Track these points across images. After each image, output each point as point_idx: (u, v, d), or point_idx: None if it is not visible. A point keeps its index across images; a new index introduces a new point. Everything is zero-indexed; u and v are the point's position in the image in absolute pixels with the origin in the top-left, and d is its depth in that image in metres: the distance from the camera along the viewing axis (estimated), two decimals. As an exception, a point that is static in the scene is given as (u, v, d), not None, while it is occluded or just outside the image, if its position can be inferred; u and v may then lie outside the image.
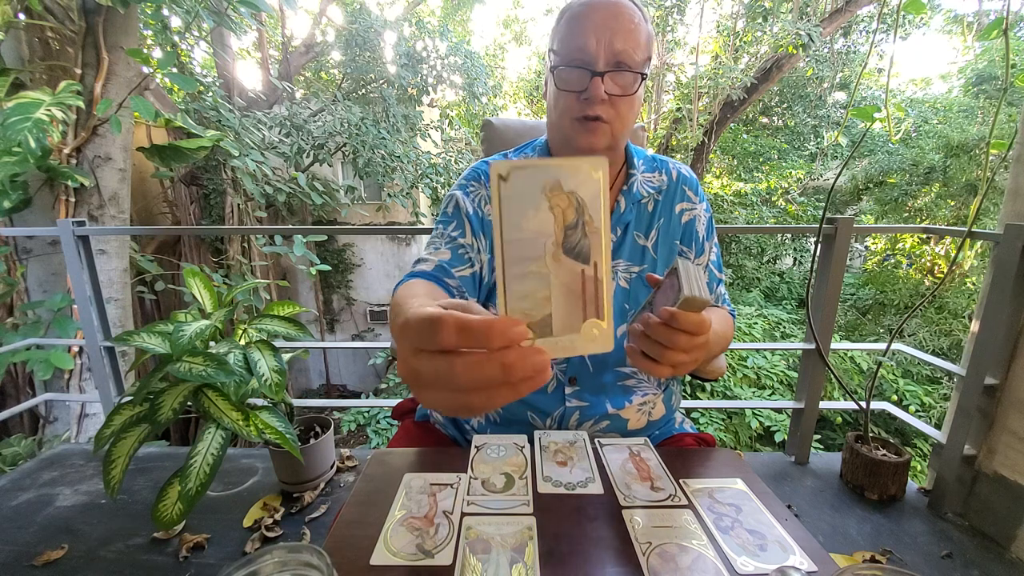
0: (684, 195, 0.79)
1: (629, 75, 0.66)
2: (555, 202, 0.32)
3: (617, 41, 0.64)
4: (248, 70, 12.76)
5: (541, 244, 0.32)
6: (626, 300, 0.74)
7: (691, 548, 0.47)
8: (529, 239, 0.32)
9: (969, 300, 4.96)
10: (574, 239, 0.32)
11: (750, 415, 4.09)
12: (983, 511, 1.06)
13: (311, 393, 6.98)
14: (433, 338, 0.28)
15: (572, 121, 0.68)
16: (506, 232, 0.31)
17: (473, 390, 0.29)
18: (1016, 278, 0.99)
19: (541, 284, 0.32)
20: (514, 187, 0.31)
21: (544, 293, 0.32)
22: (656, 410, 0.78)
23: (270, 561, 0.37)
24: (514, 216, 0.31)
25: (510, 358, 0.28)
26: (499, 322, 0.28)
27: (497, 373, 0.28)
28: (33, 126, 2.19)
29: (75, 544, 1.01)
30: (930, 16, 9.52)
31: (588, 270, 0.33)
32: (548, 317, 0.32)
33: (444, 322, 0.28)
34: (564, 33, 0.67)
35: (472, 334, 0.28)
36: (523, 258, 0.32)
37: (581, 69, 0.65)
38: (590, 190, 0.32)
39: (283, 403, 1.11)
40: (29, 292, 2.83)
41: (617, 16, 0.65)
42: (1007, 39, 1.02)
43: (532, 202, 0.31)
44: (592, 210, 0.32)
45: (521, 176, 0.31)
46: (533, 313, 0.32)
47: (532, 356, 0.28)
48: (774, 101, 9.75)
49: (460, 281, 0.70)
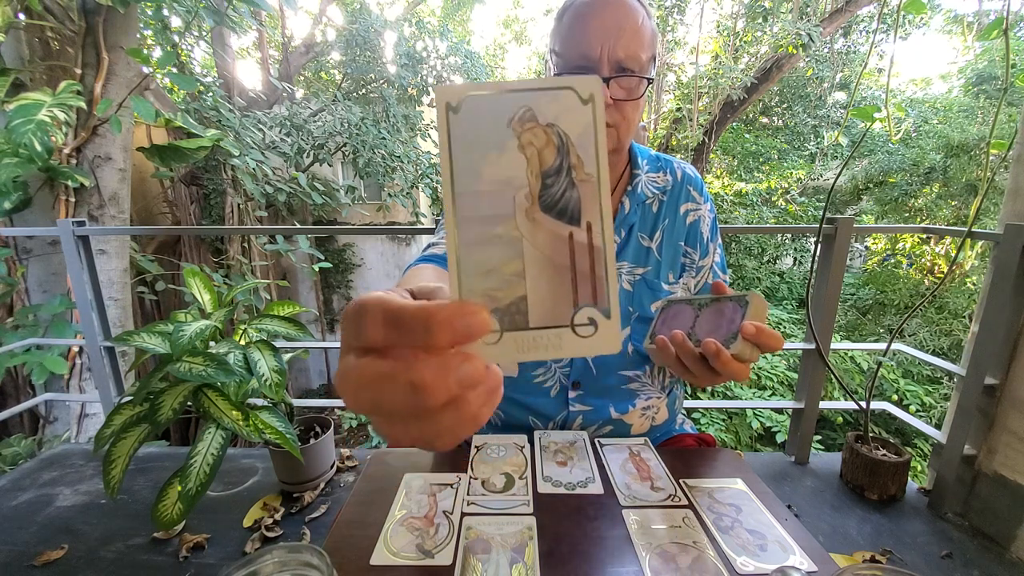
0: (689, 195, 0.78)
1: (634, 79, 0.64)
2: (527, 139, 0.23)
3: (621, 45, 0.62)
4: (248, 70, 12.76)
5: (509, 198, 0.23)
6: (630, 303, 0.73)
7: (691, 548, 0.47)
8: (492, 191, 0.23)
9: (969, 300, 4.96)
10: (556, 190, 0.23)
11: (750, 415, 4.08)
12: (983, 511, 1.06)
13: (311, 393, 6.98)
14: (359, 332, 0.21)
15: None
16: (459, 182, 0.22)
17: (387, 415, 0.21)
18: (1016, 278, 0.99)
19: (510, 253, 0.23)
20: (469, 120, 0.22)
21: (515, 266, 0.23)
22: (660, 414, 0.77)
23: (270, 561, 0.37)
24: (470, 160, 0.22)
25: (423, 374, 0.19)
26: (444, 307, 0.20)
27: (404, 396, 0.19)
28: (37, 128, 2.19)
29: (75, 544, 1.01)
30: (930, 16, 9.52)
31: (579, 234, 0.23)
32: (521, 301, 0.23)
33: (367, 310, 0.21)
34: (566, 35, 0.65)
35: (405, 325, 0.20)
36: (484, 217, 0.23)
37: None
38: (577, 121, 0.23)
39: (283, 403, 1.11)
40: (29, 292, 2.83)
41: (621, 17, 0.63)
42: (1007, 39, 1.02)
43: (495, 140, 0.23)
44: (581, 149, 0.23)
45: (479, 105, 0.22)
46: (499, 295, 0.23)
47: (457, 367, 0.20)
48: (774, 101, 9.75)
49: None
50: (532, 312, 0.23)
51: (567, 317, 0.23)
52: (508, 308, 0.23)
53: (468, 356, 0.20)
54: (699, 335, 0.52)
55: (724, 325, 0.50)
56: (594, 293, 0.23)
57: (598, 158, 0.23)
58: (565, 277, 0.23)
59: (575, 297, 0.23)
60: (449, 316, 0.19)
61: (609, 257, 0.23)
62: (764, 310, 0.49)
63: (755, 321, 0.48)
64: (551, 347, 0.23)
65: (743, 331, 0.47)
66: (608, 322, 0.23)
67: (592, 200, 0.23)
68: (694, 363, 0.50)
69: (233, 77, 5.40)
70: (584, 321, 0.23)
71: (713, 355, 0.47)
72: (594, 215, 0.23)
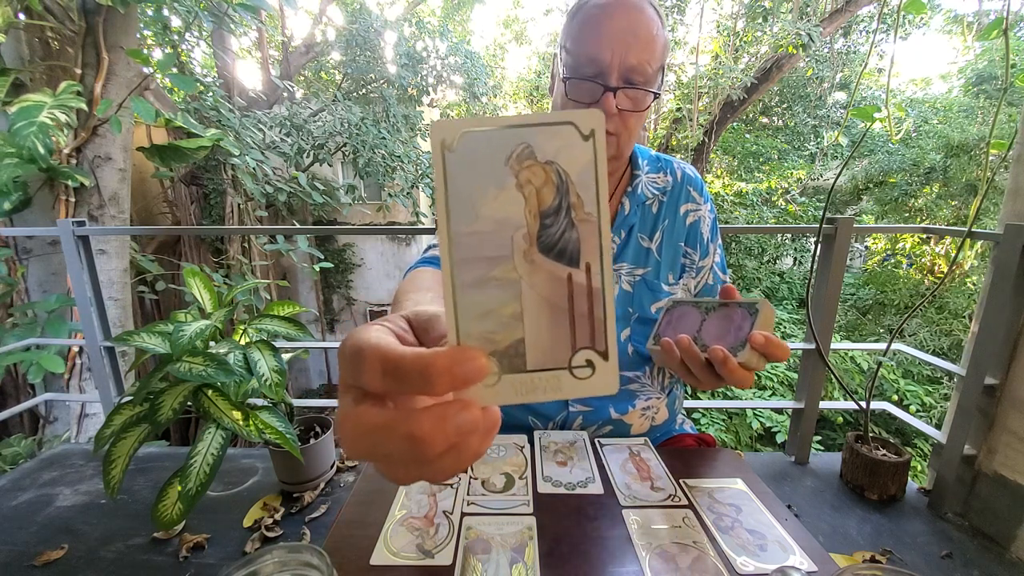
0: (689, 196, 0.78)
1: (642, 92, 0.63)
2: (525, 177, 0.22)
3: (632, 55, 0.61)
4: (248, 70, 12.76)
5: (507, 238, 0.22)
6: (629, 304, 0.73)
7: (691, 548, 0.47)
8: (489, 231, 0.22)
9: (969, 300, 4.96)
10: (555, 231, 0.23)
11: (751, 415, 4.09)
12: (983, 511, 1.06)
13: (311, 393, 6.98)
14: (356, 375, 0.21)
15: None
16: (455, 222, 0.22)
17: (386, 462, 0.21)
18: (1016, 278, 0.99)
19: (508, 295, 0.22)
20: (465, 157, 0.22)
21: (513, 308, 0.23)
22: (660, 415, 0.77)
23: (270, 561, 0.37)
24: (466, 199, 0.22)
25: (422, 427, 0.19)
26: (442, 355, 0.20)
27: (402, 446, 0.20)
28: (39, 130, 2.20)
29: (75, 544, 1.01)
30: (930, 16, 9.52)
31: (578, 275, 0.23)
32: (519, 343, 0.23)
33: (365, 356, 0.21)
34: (577, 35, 0.64)
35: (404, 375, 0.20)
36: (481, 259, 0.22)
37: (594, 83, 0.62)
38: (578, 159, 0.22)
39: (283, 403, 1.11)
40: (29, 292, 2.83)
41: (635, 23, 0.61)
42: (1007, 39, 1.02)
43: (493, 178, 0.22)
44: (581, 188, 0.22)
45: (476, 141, 0.22)
46: (497, 338, 0.22)
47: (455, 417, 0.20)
48: (774, 101, 9.75)
49: None
50: (530, 355, 0.23)
51: (565, 360, 0.23)
52: (506, 351, 0.22)
53: (466, 404, 0.20)
54: (705, 339, 0.51)
55: (732, 332, 0.50)
56: (592, 335, 0.23)
57: (598, 197, 0.22)
58: (563, 319, 0.23)
59: (573, 340, 0.23)
60: (448, 364, 0.19)
61: (608, 299, 0.23)
62: (772, 319, 0.49)
63: (763, 330, 0.47)
64: (549, 389, 0.23)
65: (752, 341, 0.46)
66: (606, 364, 0.23)
67: (592, 240, 0.23)
68: (698, 368, 0.50)
69: (233, 77, 5.40)
70: (582, 363, 0.23)
71: (720, 362, 0.46)
72: (593, 256, 0.23)
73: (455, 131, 0.21)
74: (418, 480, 0.22)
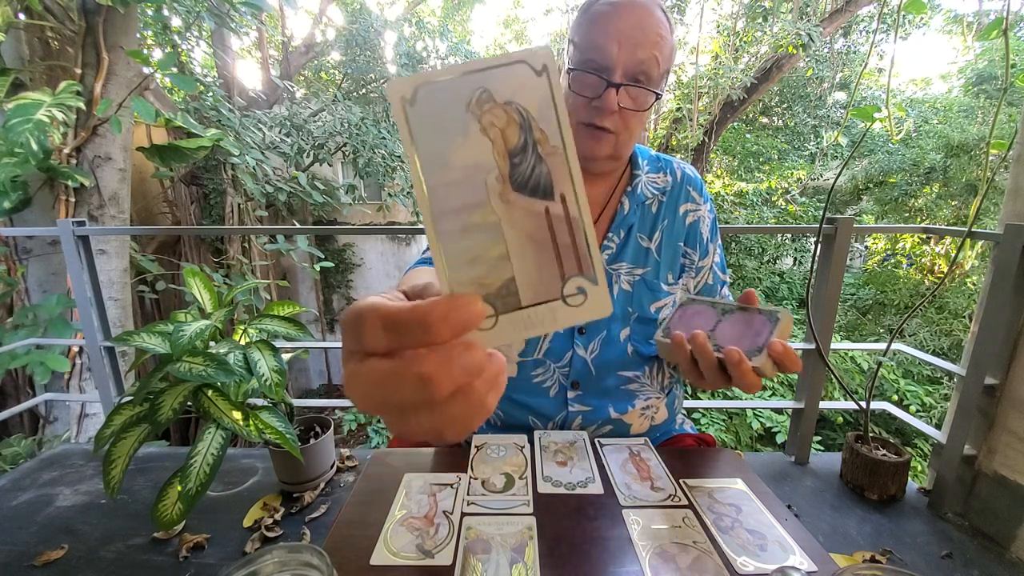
0: (688, 196, 0.77)
1: (645, 92, 0.64)
2: (488, 120, 0.23)
3: (640, 52, 0.61)
4: (248, 70, 12.76)
5: (480, 182, 0.23)
6: (629, 304, 0.72)
7: (691, 548, 0.47)
8: (461, 179, 0.23)
9: (969, 300, 4.96)
10: (525, 168, 0.23)
11: (751, 415, 4.09)
12: (983, 511, 1.06)
13: (311, 393, 6.98)
14: (358, 338, 0.22)
15: (578, 125, 0.66)
16: (427, 174, 0.22)
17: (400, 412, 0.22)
18: (1016, 278, 0.99)
19: (491, 238, 0.23)
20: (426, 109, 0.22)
21: (498, 250, 0.23)
22: (659, 414, 0.77)
23: (270, 561, 0.37)
24: (435, 150, 0.22)
25: (429, 367, 0.20)
26: (438, 304, 0.20)
27: (412, 390, 0.20)
28: (35, 127, 2.19)
29: (75, 544, 1.01)
30: (930, 16, 9.52)
31: (555, 207, 0.23)
32: (510, 282, 0.23)
33: (364, 317, 0.21)
34: (587, 29, 0.64)
35: (403, 327, 0.21)
36: (458, 207, 0.23)
37: (597, 77, 0.62)
38: (534, 95, 0.23)
39: (283, 403, 1.11)
40: (29, 292, 2.83)
41: (645, 25, 0.62)
42: (1007, 39, 1.02)
43: (456, 126, 0.22)
44: (543, 122, 0.23)
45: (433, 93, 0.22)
46: (488, 280, 0.23)
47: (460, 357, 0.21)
48: (774, 101, 9.75)
49: None
50: (523, 291, 0.23)
51: (557, 290, 0.24)
52: (499, 292, 0.23)
53: (469, 345, 0.21)
54: (718, 340, 0.51)
55: (749, 336, 0.50)
56: (579, 263, 0.24)
57: (561, 129, 0.23)
58: (548, 252, 0.24)
59: (561, 270, 0.24)
60: (444, 311, 0.20)
61: (587, 224, 0.23)
62: (790, 330, 0.49)
63: (778, 334, 0.48)
64: (547, 321, 0.24)
65: (771, 348, 0.46)
66: (596, 288, 0.24)
67: (562, 171, 0.23)
68: (708, 366, 0.50)
69: (233, 77, 5.40)
70: (573, 291, 0.24)
71: (735, 364, 0.46)
72: (566, 186, 0.23)
73: (412, 85, 0.22)
74: (429, 432, 0.22)
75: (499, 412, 0.75)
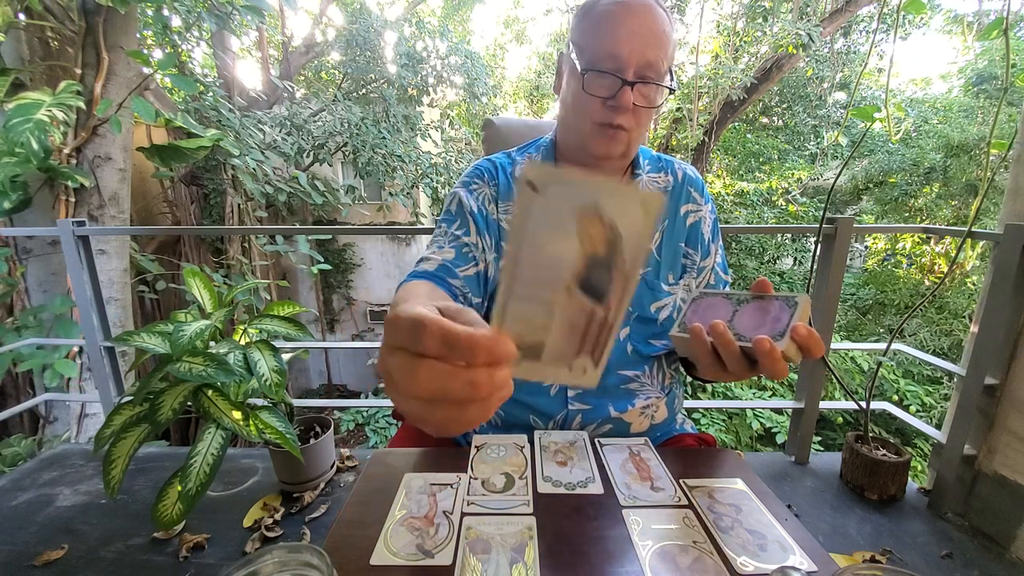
0: (689, 196, 0.78)
1: (655, 87, 0.65)
2: (586, 229, 0.27)
3: (649, 50, 0.62)
4: (248, 70, 12.76)
5: (558, 272, 0.28)
6: (628, 303, 0.73)
7: (691, 548, 0.47)
8: (545, 264, 0.27)
9: (969, 300, 4.96)
10: (595, 276, 0.28)
11: (751, 415, 4.09)
12: (983, 511, 1.06)
13: (311, 393, 6.98)
14: (415, 340, 0.27)
15: (593, 126, 0.66)
16: (524, 249, 0.27)
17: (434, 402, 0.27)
18: (1016, 278, 0.99)
19: (544, 313, 0.29)
20: (545, 201, 0.26)
21: (544, 321, 0.29)
22: (659, 413, 0.77)
23: (270, 561, 0.37)
24: (536, 234, 0.27)
25: (479, 377, 0.26)
26: (486, 338, 0.26)
27: (461, 389, 0.26)
28: (35, 127, 2.19)
29: (75, 544, 1.01)
30: (930, 16, 9.51)
31: (599, 311, 0.29)
32: (540, 345, 0.29)
33: (428, 327, 0.26)
34: (593, 32, 0.64)
35: (456, 345, 0.26)
36: (534, 281, 0.28)
37: (612, 76, 0.63)
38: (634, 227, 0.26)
39: (283, 403, 1.11)
40: (29, 292, 2.83)
41: (650, 23, 0.63)
42: (1007, 39, 1.02)
43: (560, 223, 0.26)
44: (630, 252, 0.27)
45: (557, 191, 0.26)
46: (526, 337, 0.29)
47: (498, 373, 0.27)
48: (774, 101, 9.74)
49: (464, 281, 0.68)
50: (546, 353, 0.30)
51: (568, 361, 0.30)
52: (530, 348, 0.29)
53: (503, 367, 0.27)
54: (738, 329, 0.51)
55: (769, 323, 0.49)
56: (593, 350, 0.30)
57: (641, 261, 0.28)
58: (577, 336, 0.29)
59: (579, 349, 0.30)
60: (489, 344, 0.26)
61: (615, 328, 0.29)
62: (808, 312, 0.49)
63: (798, 318, 0.47)
64: (548, 375, 0.31)
65: (795, 332, 0.45)
66: (595, 369, 0.30)
67: (619, 288, 0.28)
68: (730, 355, 0.49)
69: (233, 77, 5.40)
70: (579, 366, 0.30)
71: (766, 353, 0.45)
72: (616, 299, 0.28)
73: (545, 178, 0.26)
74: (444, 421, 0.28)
75: (500, 412, 0.76)
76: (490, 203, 0.74)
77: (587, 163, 0.71)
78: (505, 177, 0.77)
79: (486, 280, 0.72)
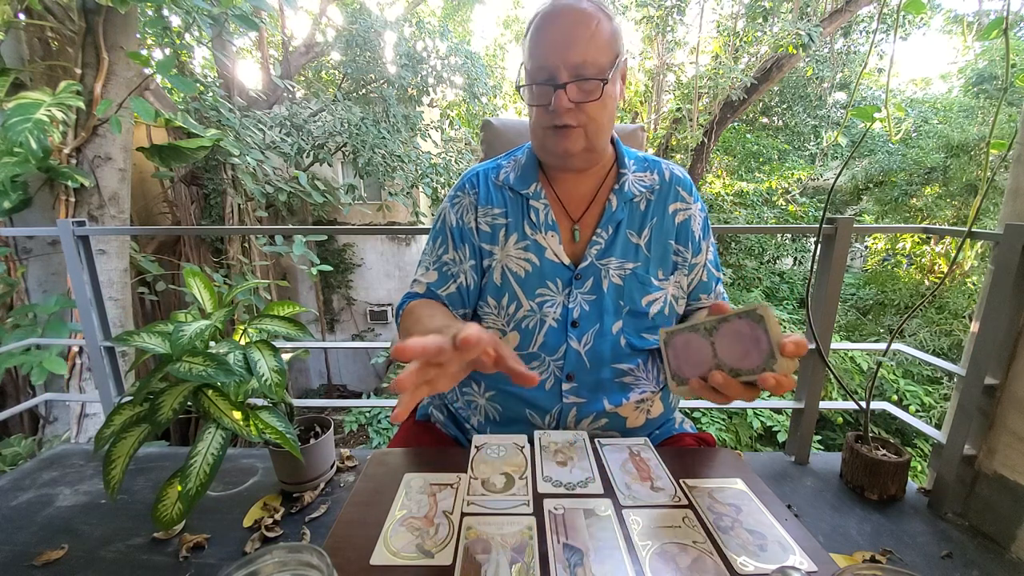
0: (678, 195, 0.79)
1: (592, 82, 0.67)
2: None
3: (575, 53, 0.66)
4: (248, 70, 12.74)
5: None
6: (620, 297, 0.75)
7: (691, 548, 0.47)
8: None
9: (969, 300, 4.95)
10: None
11: (751, 415, 4.08)
12: (983, 511, 1.06)
13: (311, 393, 6.98)
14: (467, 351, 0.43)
15: (545, 130, 0.72)
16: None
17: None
18: (1016, 278, 0.99)
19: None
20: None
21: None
22: (655, 408, 0.78)
23: (270, 561, 0.37)
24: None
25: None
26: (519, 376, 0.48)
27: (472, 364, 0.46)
28: (34, 127, 2.19)
29: (75, 544, 1.01)
30: (930, 16, 9.50)
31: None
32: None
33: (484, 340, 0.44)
34: (530, 48, 0.69)
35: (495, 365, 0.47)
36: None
37: (544, 85, 0.68)
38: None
39: (283, 403, 1.11)
40: (29, 292, 2.83)
41: (573, 26, 0.66)
42: (1007, 39, 1.02)
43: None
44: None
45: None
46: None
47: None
48: (774, 101, 9.74)
49: (447, 299, 0.77)
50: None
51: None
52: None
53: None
54: (728, 363, 0.51)
55: (752, 348, 0.49)
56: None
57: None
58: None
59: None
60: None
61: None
62: (774, 318, 0.49)
63: (775, 333, 0.48)
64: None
65: (784, 351, 0.47)
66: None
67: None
68: (738, 392, 0.50)
69: (233, 77, 5.39)
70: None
71: (775, 386, 0.47)
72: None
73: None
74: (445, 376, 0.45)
75: (496, 406, 0.77)
76: (468, 213, 0.79)
77: (555, 162, 0.76)
78: (486, 184, 0.81)
79: (467, 290, 0.78)
